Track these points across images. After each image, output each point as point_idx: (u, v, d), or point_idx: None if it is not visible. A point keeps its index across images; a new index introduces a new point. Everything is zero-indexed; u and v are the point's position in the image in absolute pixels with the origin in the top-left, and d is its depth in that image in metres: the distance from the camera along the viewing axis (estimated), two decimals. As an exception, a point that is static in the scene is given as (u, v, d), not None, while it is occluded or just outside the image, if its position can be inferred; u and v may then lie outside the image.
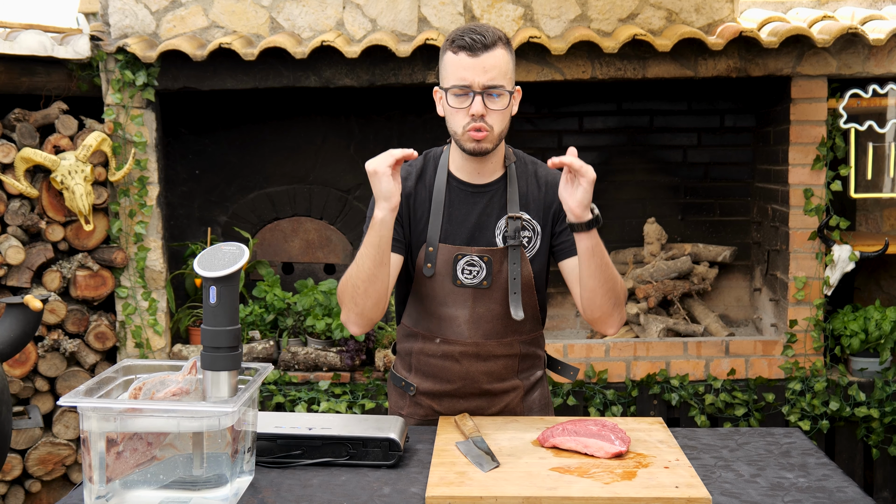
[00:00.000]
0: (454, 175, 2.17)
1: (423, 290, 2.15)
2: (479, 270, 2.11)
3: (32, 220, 3.70)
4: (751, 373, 3.98)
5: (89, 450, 1.60)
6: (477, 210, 2.14)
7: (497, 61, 2.00)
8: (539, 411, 2.27)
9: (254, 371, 1.78)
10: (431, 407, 2.21)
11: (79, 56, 3.81)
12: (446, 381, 2.17)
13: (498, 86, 2.00)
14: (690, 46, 3.79)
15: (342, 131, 4.40)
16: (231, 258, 1.66)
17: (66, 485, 3.91)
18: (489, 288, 2.11)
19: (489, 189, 2.15)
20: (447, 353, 2.15)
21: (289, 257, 4.43)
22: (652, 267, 4.25)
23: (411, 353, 2.22)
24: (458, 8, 3.95)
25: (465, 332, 2.13)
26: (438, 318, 2.14)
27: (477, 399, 2.19)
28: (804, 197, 3.89)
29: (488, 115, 2.02)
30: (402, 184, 2.07)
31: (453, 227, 2.13)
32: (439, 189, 2.14)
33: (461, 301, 2.12)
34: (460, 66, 2.00)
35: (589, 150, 4.49)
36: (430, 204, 2.14)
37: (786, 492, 1.71)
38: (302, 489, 1.73)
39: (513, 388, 2.22)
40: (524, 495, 1.64)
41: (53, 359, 3.76)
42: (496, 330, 2.14)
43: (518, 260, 2.11)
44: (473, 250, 2.10)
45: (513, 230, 2.11)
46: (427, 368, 2.19)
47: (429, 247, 2.11)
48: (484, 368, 2.16)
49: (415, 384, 2.21)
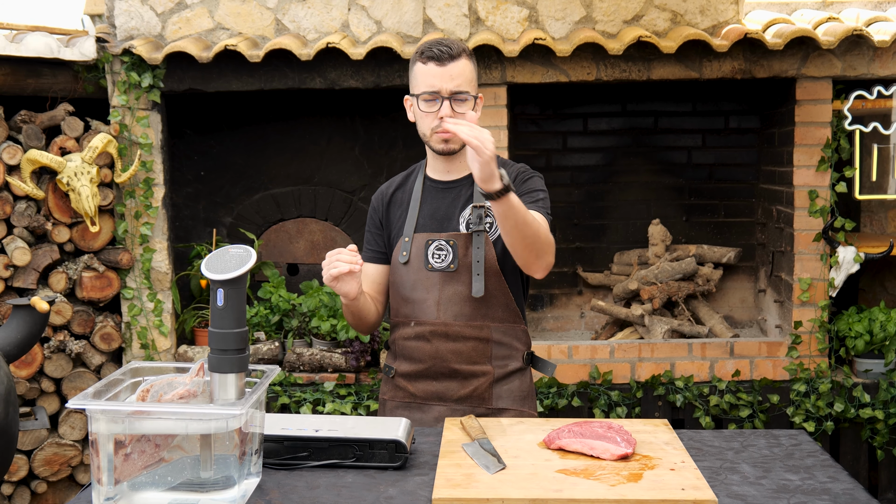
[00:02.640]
0: (429, 176, 2.40)
1: (398, 279, 2.35)
2: (446, 254, 2.30)
3: (38, 221, 3.71)
4: (755, 374, 3.98)
5: (98, 451, 1.60)
6: (446, 202, 2.35)
7: (462, 70, 2.23)
8: (513, 402, 2.37)
9: (261, 373, 1.78)
10: (407, 389, 2.37)
11: (85, 58, 3.83)
12: (419, 361, 2.34)
13: (463, 91, 2.23)
14: (695, 48, 3.79)
15: (347, 132, 4.41)
16: (238, 261, 1.67)
17: (72, 486, 3.92)
18: (456, 271, 2.30)
19: (458, 184, 2.36)
20: (419, 334, 2.33)
21: (294, 258, 4.44)
22: (657, 268, 4.25)
23: (395, 340, 2.40)
24: (462, 9, 3.95)
25: (435, 312, 2.31)
26: (413, 302, 2.33)
27: (447, 380, 2.33)
28: (809, 198, 3.89)
29: (455, 118, 2.20)
30: (383, 195, 2.43)
31: (425, 220, 2.35)
32: (416, 190, 2.39)
33: (431, 284, 2.31)
34: (429, 75, 2.23)
35: (593, 151, 4.50)
36: (408, 204, 2.38)
37: (791, 494, 1.71)
38: (308, 491, 1.73)
39: (483, 373, 2.33)
40: (530, 497, 1.64)
41: (59, 360, 3.77)
42: (464, 312, 2.31)
43: (482, 244, 2.29)
44: (441, 235, 2.31)
45: (476, 217, 2.29)
46: (403, 351, 2.37)
47: (405, 237, 2.34)
48: (452, 348, 2.31)
49: (394, 367, 2.40)
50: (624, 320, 4.29)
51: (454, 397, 2.33)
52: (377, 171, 4.42)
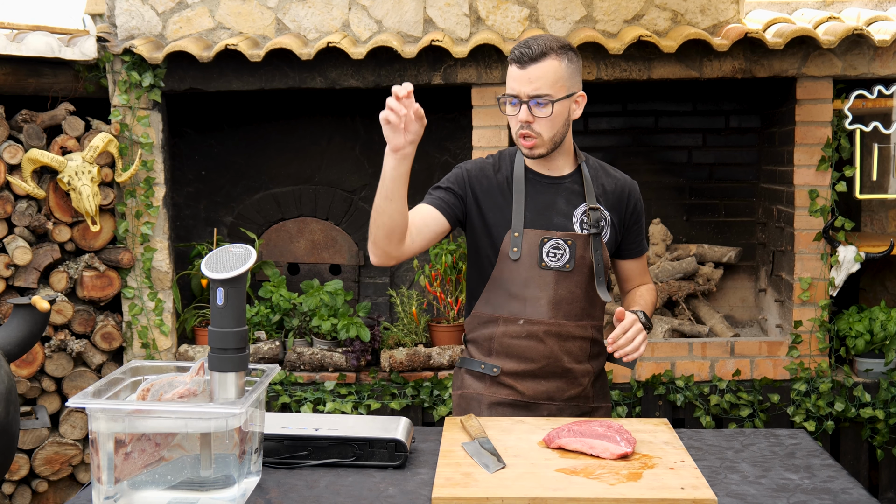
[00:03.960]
0: (530, 168, 2.32)
1: (505, 275, 2.28)
2: (563, 253, 2.26)
3: (39, 220, 3.72)
4: (756, 373, 3.98)
5: (98, 450, 1.61)
6: (554, 198, 2.30)
7: (543, 72, 2.15)
8: (604, 399, 2.42)
9: (261, 372, 1.79)
10: (514, 387, 2.30)
11: (85, 57, 3.83)
12: (531, 361, 2.29)
13: (542, 95, 2.16)
14: (696, 47, 3.79)
15: (348, 132, 4.41)
16: (238, 260, 1.67)
17: (73, 485, 3.93)
18: (571, 271, 2.27)
19: (564, 181, 2.32)
20: (532, 333, 2.27)
21: (294, 258, 4.44)
22: (657, 268, 4.25)
23: (493, 337, 2.31)
24: (463, 9, 3.95)
25: (548, 312, 2.27)
26: (523, 299, 2.27)
27: (557, 380, 2.30)
28: (809, 198, 3.88)
29: (535, 122, 2.19)
30: (482, 169, 2.31)
31: (535, 215, 2.28)
32: (518, 179, 2.29)
33: (545, 283, 2.26)
34: (511, 77, 2.19)
35: (594, 150, 4.49)
36: (509, 193, 2.29)
37: (791, 493, 1.71)
38: (308, 490, 1.73)
39: (587, 373, 2.34)
40: (530, 496, 1.64)
41: (60, 359, 3.78)
42: (574, 312, 2.29)
43: (600, 247, 2.28)
44: (558, 234, 2.26)
45: (594, 219, 2.28)
46: (511, 350, 2.30)
47: (514, 232, 2.26)
48: (565, 348, 2.29)
49: (499, 365, 2.31)
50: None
51: (564, 397, 2.32)
52: (378, 171, 4.37)
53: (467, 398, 2.35)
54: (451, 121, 4.35)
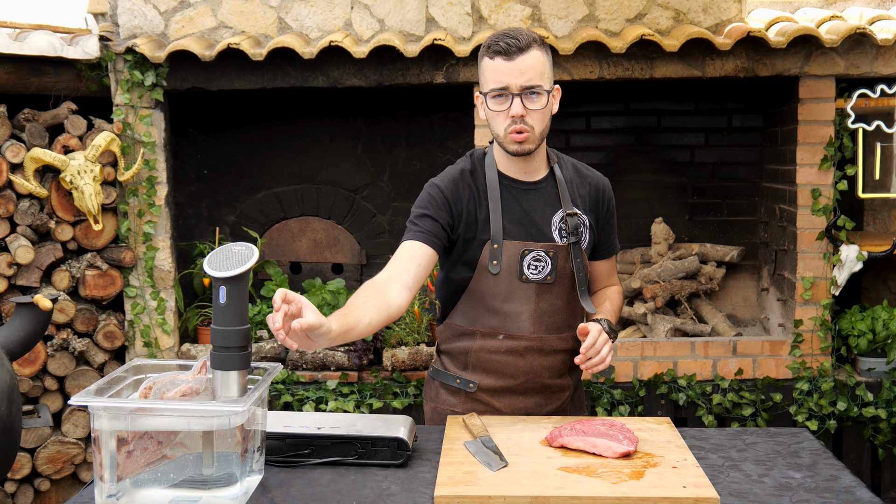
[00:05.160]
0: (504, 174, 2.21)
1: (483, 288, 2.17)
2: (544, 266, 2.17)
3: (42, 219, 3.72)
4: (758, 373, 3.97)
5: (100, 448, 1.61)
6: (531, 206, 2.19)
7: (533, 62, 2.06)
8: (581, 410, 2.37)
9: (263, 370, 1.79)
10: (491, 404, 2.23)
11: (88, 56, 3.83)
12: (509, 377, 2.21)
13: (535, 86, 2.07)
14: (698, 46, 3.79)
15: (350, 131, 4.41)
16: (241, 258, 1.67)
17: (75, 483, 3.93)
18: (553, 283, 2.18)
19: (539, 185, 2.21)
20: (511, 349, 2.19)
21: (296, 257, 4.44)
22: (659, 267, 4.25)
23: (469, 351, 2.22)
24: (465, 8, 3.95)
25: (530, 326, 2.18)
26: (502, 314, 2.18)
27: (535, 396, 2.24)
28: (812, 197, 3.88)
29: (528, 115, 2.08)
30: (455, 188, 2.15)
31: (513, 225, 2.17)
32: (492, 187, 2.18)
33: (526, 296, 2.17)
34: (497, 71, 2.07)
35: (596, 149, 4.49)
36: (484, 202, 2.17)
37: (793, 492, 1.71)
38: (311, 488, 1.73)
39: (567, 386, 2.29)
40: (532, 495, 1.64)
41: (62, 358, 3.78)
42: (556, 324, 2.21)
43: (580, 256, 2.19)
44: (539, 246, 2.15)
45: (573, 226, 2.18)
46: (489, 365, 2.22)
47: (493, 244, 2.14)
48: (546, 363, 2.22)
49: (475, 381, 2.23)
50: (627, 319, 4.29)
51: (542, 412, 2.25)
52: (380, 170, 4.42)
53: (441, 413, 2.27)
54: (454, 120, 4.35)
